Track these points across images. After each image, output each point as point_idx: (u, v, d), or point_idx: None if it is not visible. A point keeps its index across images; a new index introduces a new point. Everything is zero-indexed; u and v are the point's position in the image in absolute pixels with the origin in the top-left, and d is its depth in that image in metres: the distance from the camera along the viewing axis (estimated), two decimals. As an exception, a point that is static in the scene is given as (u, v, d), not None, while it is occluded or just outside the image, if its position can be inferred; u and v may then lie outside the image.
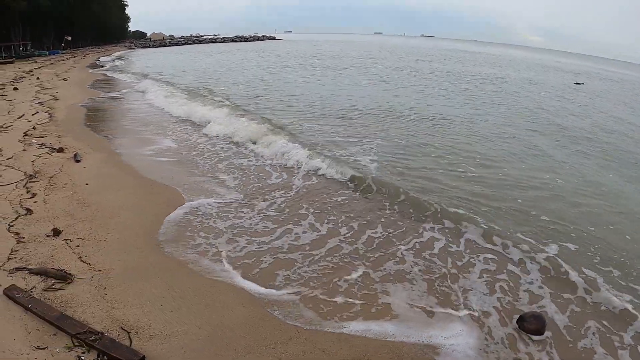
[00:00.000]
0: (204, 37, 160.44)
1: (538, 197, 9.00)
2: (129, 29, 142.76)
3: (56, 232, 6.53)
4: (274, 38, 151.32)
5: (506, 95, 23.83)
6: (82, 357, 4.15)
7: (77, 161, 10.22)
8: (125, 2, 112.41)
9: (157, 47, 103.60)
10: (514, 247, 6.72)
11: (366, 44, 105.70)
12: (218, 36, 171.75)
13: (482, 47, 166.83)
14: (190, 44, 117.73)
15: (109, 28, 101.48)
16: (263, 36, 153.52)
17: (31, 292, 5.04)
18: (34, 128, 13.66)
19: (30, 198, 7.88)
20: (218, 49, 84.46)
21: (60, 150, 11.08)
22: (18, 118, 15.15)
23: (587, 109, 21.40)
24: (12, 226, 6.73)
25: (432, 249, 6.67)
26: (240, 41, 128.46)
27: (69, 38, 76.23)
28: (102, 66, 45.05)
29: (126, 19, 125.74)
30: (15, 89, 23.38)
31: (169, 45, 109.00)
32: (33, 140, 12.03)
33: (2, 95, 20.93)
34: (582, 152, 12.89)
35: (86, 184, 8.69)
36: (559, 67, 62.73)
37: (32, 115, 15.84)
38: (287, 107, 18.39)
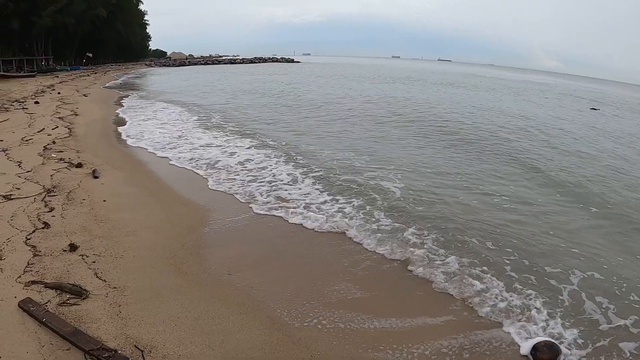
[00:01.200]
0: (223, 58, 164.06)
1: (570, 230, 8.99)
2: (150, 48, 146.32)
3: (73, 247, 6.70)
4: (292, 60, 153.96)
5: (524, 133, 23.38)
6: (95, 374, 4.24)
7: (96, 177, 10.50)
8: (146, 21, 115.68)
9: (176, 66, 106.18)
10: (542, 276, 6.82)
11: (386, 68, 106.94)
12: (237, 57, 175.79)
13: (500, 71, 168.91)
14: (210, 64, 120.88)
15: (131, 46, 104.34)
16: (282, 58, 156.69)
17: (46, 306, 5.17)
18: (54, 142, 14.08)
19: (48, 212, 8.12)
20: (239, 69, 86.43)
21: (79, 165, 11.40)
22: (38, 131, 15.65)
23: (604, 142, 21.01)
24: (29, 239, 6.93)
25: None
26: (259, 62, 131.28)
27: (90, 55, 78.61)
28: (123, 83, 46.18)
29: (147, 37, 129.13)
30: (37, 102, 24.16)
31: (189, 65, 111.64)
32: (53, 155, 12.39)
33: (24, 108, 21.62)
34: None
35: (104, 201, 8.93)
36: (576, 93, 63.03)
37: (52, 129, 16.34)
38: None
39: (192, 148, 14.77)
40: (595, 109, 39.20)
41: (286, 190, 10.53)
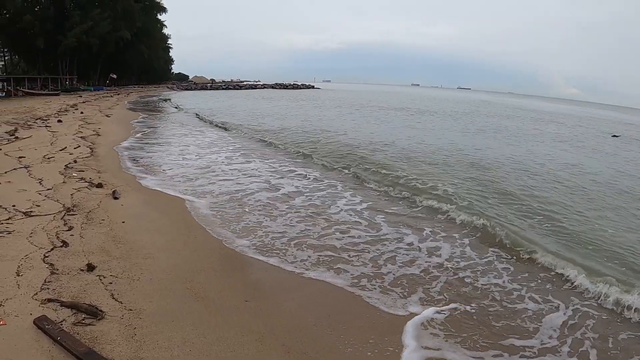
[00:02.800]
0: (245, 83, 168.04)
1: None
2: (172, 71, 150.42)
3: (90, 267, 6.86)
4: (312, 87, 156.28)
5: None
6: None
7: (116, 198, 10.77)
8: (170, 45, 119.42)
9: (198, 89, 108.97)
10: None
11: (417, 98, 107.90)
12: (258, 82, 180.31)
13: (520, 99, 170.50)
14: (232, 89, 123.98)
15: (153, 68, 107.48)
16: (302, 84, 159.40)
17: (61, 324, 5.29)
18: (75, 161, 14.53)
19: (67, 231, 8.34)
20: (261, 94, 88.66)
21: (100, 185, 11.71)
22: (60, 150, 16.16)
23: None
24: (47, 257, 7.12)
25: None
26: (280, 88, 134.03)
27: (114, 76, 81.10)
28: (146, 105, 47.39)
29: (170, 60, 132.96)
30: (60, 121, 25.00)
31: (210, 89, 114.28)
32: (73, 174, 12.77)
33: (47, 126, 22.36)
34: None
35: (123, 222, 9.15)
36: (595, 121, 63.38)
37: (74, 148, 16.87)
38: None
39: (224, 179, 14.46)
40: (616, 136, 40.28)
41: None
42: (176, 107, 47.38)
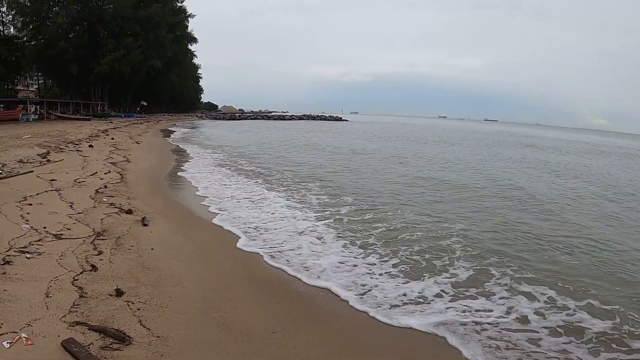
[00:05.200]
0: (273, 114, 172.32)
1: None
2: (201, 100, 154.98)
3: (119, 293, 7.01)
4: (340, 119, 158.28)
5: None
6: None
7: (145, 225, 11.01)
8: (199, 74, 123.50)
9: (227, 119, 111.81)
10: None
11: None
12: (286, 113, 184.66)
13: (557, 132, 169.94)
14: (259, 119, 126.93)
15: (183, 97, 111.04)
16: (330, 116, 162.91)
17: (88, 348, 5.39)
18: (106, 187, 14.99)
19: (97, 255, 8.56)
20: (294, 126, 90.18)
21: (129, 212, 12.01)
22: (91, 175, 16.72)
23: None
24: (76, 280, 7.31)
25: None
26: (308, 119, 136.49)
27: (145, 103, 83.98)
28: (174, 134, 48.56)
29: (199, 90, 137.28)
30: (91, 146, 25.96)
31: (239, 119, 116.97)
32: (104, 199, 13.16)
33: (78, 150, 23.17)
34: None
35: (151, 249, 9.33)
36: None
37: (105, 174, 17.42)
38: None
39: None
40: None
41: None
42: (209, 138, 47.90)
